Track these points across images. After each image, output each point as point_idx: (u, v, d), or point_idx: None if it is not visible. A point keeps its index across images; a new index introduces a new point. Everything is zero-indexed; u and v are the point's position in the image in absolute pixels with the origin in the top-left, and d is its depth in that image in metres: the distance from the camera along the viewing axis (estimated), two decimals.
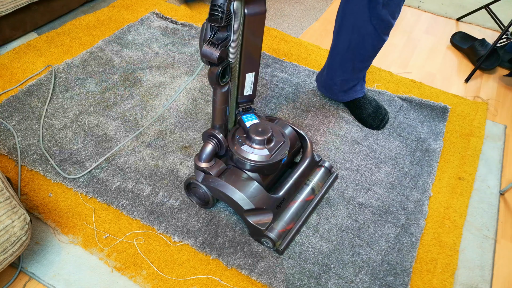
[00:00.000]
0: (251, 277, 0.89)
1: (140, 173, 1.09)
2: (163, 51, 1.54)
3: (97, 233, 0.95)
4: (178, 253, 0.92)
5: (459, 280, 0.94)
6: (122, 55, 1.49)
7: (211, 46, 0.76)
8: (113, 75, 1.40)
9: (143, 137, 1.19)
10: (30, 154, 1.11)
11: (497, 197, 1.13)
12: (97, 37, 1.57)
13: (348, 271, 0.92)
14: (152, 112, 1.28)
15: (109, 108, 1.27)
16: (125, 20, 1.68)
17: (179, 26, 1.68)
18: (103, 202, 1.01)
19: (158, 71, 1.44)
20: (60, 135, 1.17)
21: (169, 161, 1.13)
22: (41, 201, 1.00)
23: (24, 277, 0.87)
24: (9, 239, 0.75)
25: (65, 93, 1.31)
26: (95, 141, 1.16)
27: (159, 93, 1.35)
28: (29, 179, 1.06)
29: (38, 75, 1.37)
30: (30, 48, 1.49)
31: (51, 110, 1.25)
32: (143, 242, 0.94)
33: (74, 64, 1.42)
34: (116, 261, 0.90)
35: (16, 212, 0.77)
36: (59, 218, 0.97)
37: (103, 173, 1.08)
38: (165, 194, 1.04)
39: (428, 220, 1.04)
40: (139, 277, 0.87)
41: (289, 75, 1.48)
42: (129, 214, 0.99)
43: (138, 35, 1.60)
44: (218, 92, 0.86)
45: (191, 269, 0.90)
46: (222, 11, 0.73)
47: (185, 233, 0.96)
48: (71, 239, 0.93)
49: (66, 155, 1.11)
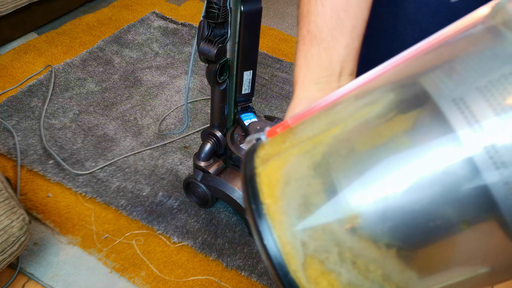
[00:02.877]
0: (251, 278, 0.88)
1: (139, 173, 1.08)
2: (163, 51, 1.53)
3: (96, 233, 0.94)
4: (178, 254, 0.92)
5: None
6: (122, 55, 1.49)
7: (209, 43, 0.76)
8: (113, 75, 1.40)
9: (142, 137, 1.19)
10: (30, 154, 1.11)
11: None
12: (97, 37, 1.57)
13: None
14: (152, 112, 1.27)
15: (109, 108, 1.27)
16: (125, 20, 1.68)
17: (179, 26, 1.68)
18: (102, 202, 1.00)
19: (158, 71, 1.43)
20: (59, 135, 1.17)
21: (168, 161, 1.12)
22: (40, 201, 1.00)
23: (23, 278, 0.87)
24: (8, 239, 0.74)
25: (65, 93, 1.31)
26: (94, 141, 1.16)
27: (159, 93, 1.34)
28: (28, 179, 1.05)
29: (38, 75, 1.37)
30: (30, 48, 1.48)
31: (50, 110, 1.24)
32: (142, 242, 0.93)
33: (74, 64, 1.42)
34: (115, 262, 0.89)
35: (15, 212, 0.77)
36: (58, 218, 0.97)
37: (102, 173, 1.07)
38: (164, 194, 1.04)
39: None
40: (138, 278, 0.87)
41: (289, 75, 1.48)
42: (129, 215, 0.98)
43: (138, 35, 1.60)
44: (216, 90, 0.86)
45: (190, 270, 0.89)
46: (218, 8, 0.73)
47: (185, 234, 0.95)
48: (70, 239, 0.93)
49: (66, 155, 1.11)
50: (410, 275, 0.21)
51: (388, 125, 0.22)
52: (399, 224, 0.20)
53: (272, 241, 0.22)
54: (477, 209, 0.19)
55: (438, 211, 0.20)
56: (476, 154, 0.18)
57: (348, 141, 0.24)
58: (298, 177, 0.24)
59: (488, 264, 0.21)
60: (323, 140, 0.25)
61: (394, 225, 0.21)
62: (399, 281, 0.21)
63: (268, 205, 0.23)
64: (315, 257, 0.22)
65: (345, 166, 0.23)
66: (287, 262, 0.22)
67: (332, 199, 0.22)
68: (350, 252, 0.21)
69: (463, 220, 0.19)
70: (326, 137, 0.25)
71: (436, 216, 0.20)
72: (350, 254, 0.21)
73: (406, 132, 0.21)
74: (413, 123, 0.21)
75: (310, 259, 0.22)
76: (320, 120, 0.26)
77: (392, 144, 0.21)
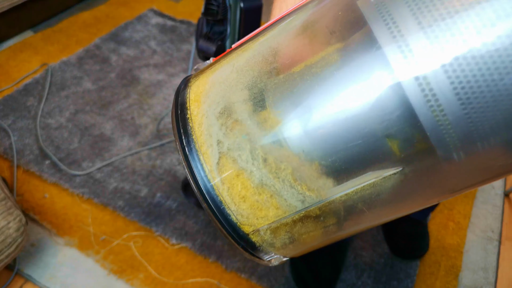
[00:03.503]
0: (251, 280, 0.87)
1: (137, 173, 1.07)
2: (161, 48, 1.51)
3: (93, 235, 0.93)
4: (176, 256, 0.91)
5: (463, 282, 0.92)
6: (119, 53, 1.47)
7: (208, 40, 0.75)
8: (110, 73, 1.38)
9: (140, 137, 1.17)
10: (26, 154, 1.09)
11: (502, 198, 1.11)
12: (93, 34, 1.55)
13: (350, 274, 0.90)
14: (149, 111, 1.26)
15: (106, 107, 1.25)
16: (122, 17, 1.66)
17: (177, 23, 1.66)
18: (99, 203, 0.99)
19: (156, 69, 1.42)
20: (56, 135, 1.15)
21: (166, 161, 1.11)
22: (37, 202, 0.99)
23: (20, 280, 0.86)
24: (5, 240, 0.74)
25: (61, 92, 1.29)
26: (91, 141, 1.14)
27: (157, 92, 1.33)
28: (24, 180, 1.04)
29: (34, 74, 1.35)
30: (26, 46, 1.46)
31: (47, 109, 1.23)
32: (140, 244, 0.92)
33: (71, 63, 1.40)
34: (113, 264, 0.88)
35: (12, 213, 0.76)
36: (55, 219, 0.96)
37: (99, 174, 1.06)
38: (163, 195, 1.02)
39: (431, 222, 1.03)
40: (136, 280, 0.86)
41: None
42: (126, 216, 0.97)
43: (136, 33, 1.58)
44: None
45: (189, 272, 0.88)
46: (218, 4, 0.72)
47: (184, 235, 0.94)
48: (67, 241, 0.92)
49: (62, 155, 1.10)
50: (326, 181, 0.21)
51: (320, 37, 0.22)
52: (322, 139, 0.21)
53: (191, 143, 0.22)
54: (398, 121, 0.19)
55: (362, 126, 0.20)
56: (399, 70, 0.18)
57: (273, 47, 0.23)
58: (221, 81, 0.24)
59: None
60: (249, 47, 0.25)
61: (317, 139, 0.21)
62: (312, 185, 0.21)
63: (192, 109, 0.23)
64: (229, 155, 0.22)
65: (269, 75, 0.22)
66: (204, 163, 0.22)
67: (253, 105, 0.22)
68: (262, 150, 0.21)
69: (386, 135, 0.19)
70: (253, 44, 0.25)
71: (361, 131, 0.20)
72: (262, 151, 0.21)
73: (338, 50, 0.21)
74: (345, 41, 0.21)
75: (224, 158, 0.22)
76: (254, 37, 0.27)
77: (321, 60, 0.21)
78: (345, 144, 0.20)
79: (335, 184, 0.21)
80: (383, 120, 0.19)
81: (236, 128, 0.22)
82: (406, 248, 0.92)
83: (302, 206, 0.21)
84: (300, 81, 0.21)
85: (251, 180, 0.21)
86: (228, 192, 0.22)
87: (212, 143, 0.22)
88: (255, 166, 0.21)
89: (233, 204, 0.22)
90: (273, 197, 0.21)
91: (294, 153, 0.21)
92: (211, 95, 0.23)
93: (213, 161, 0.22)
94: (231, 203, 0.22)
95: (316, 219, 0.22)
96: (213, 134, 0.22)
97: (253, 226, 0.22)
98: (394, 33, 0.19)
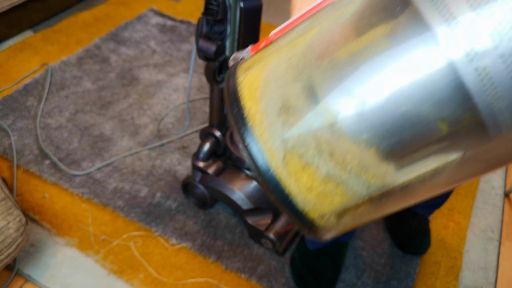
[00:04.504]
0: (251, 280, 0.87)
1: (137, 173, 1.07)
2: (160, 48, 1.51)
3: (93, 235, 0.93)
4: (176, 256, 0.90)
5: (463, 282, 0.92)
6: (119, 53, 1.47)
7: (208, 40, 0.75)
8: (110, 73, 1.38)
9: (140, 137, 1.17)
10: (26, 154, 1.09)
11: (502, 198, 1.11)
12: (93, 34, 1.55)
13: (350, 274, 0.90)
14: (149, 111, 1.26)
15: (106, 107, 1.25)
16: (122, 17, 1.66)
17: (177, 23, 1.66)
18: (99, 203, 0.99)
19: (155, 69, 1.42)
20: (56, 135, 1.15)
21: (166, 161, 1.11)
22: (36, 202, 0.99)
23: (20, 280, 0.86)
24: (5, 240, 0.74)
25: (61, 92, 1.29)
26: (91, 141, 1.14)
27: (157, 92, 1.33)
28: (24, 180, 1.04)
29: (34, 74, 1.35)
30: (25, 46, 1.46)
31: (47, 109, 1.22)
32: (140, 244, 0.92)
33: (70, 62, 1.40)
34: (113, 264, 0.88)
35: (12, 213, 0.76)
36: (55, 219, 0.95)
37: (99, 174, 1.06)
38: (162, 195, 1.02)
39: (432, 222, 1.03)
40: (136, 280, 0.86)
41: None
42: (126, 216, 0.97)
43: (135, 33, 1.58)
44: (216, 88, 0.84)
45: (189, 272, 0.88)
46: (218, 4, 0.71)
47: (183, 235, 0.94)
48: (67, 241, 0.92)
49: (62, 155, 1.09)
50: (387, 167, 0.22)
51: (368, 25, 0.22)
52: (377, 123, 0.21)
53: (254, 141, 0.23)
54: (453, 104, 0.19)
55: (416, 110, 0.20)
56: (451, 49, 0.19)
57: (324, 40, 0.24)
58: (277, 78, 0.24)
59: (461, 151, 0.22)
60: (300, 41, 0.25)
61: (373, 124, 0.21)
62: (376, 172, 0.22)
63: (249, 108, 0.24)
64: (294, 152, 0.22)
65: (323, 66, 0.23)
66: (269, 160, 0.23)
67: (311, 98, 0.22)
68: (327, 144, 0.22)
69: (440, 118, 0.20)
70: (303, 39, 0.25)
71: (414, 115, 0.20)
72: (327, 146, 0.22)
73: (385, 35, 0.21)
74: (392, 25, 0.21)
75: (290, 154, 0.22)
76: (299, 27, 0.27)
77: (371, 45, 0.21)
78: (402, 127, 0.21)
79: (397, 169, 0.22)
80: (437, 100, 0.19)
81: (300, 126, 0.22)
82: (412, 244, 0.93)
83: (367, 192, 0.22)
84: (354, 70, 0.21)
85: (318, 173, 0.22)
86: (295, 185, 0.23)
87: (275, 141, 0.23)
88: (322, 160, 0.22)
89: (300, 195, 0.23)
90: (339, 186, 0.22)
91: (355, 142, 0.21)
92: (268, 92, 0.24)
93: (279, 158, 0.23)
94: (298, 194, 0.23)
95: (376, 200, 0.23)
96: (276, 132, 0.23)
97: (318, 212, 0.23)
98: (443, 12, 0.19)
